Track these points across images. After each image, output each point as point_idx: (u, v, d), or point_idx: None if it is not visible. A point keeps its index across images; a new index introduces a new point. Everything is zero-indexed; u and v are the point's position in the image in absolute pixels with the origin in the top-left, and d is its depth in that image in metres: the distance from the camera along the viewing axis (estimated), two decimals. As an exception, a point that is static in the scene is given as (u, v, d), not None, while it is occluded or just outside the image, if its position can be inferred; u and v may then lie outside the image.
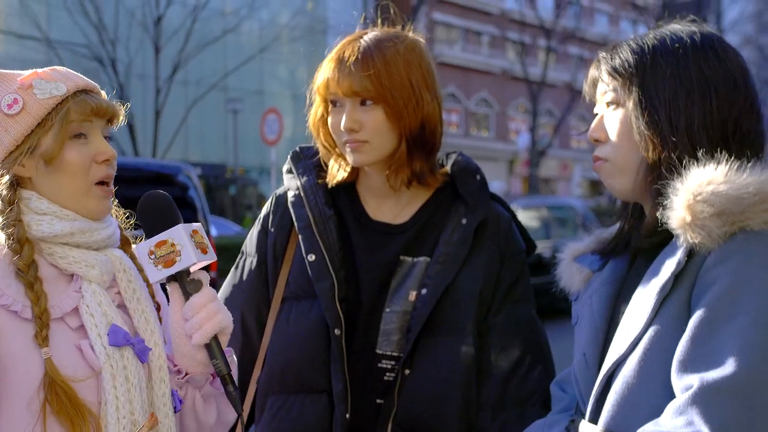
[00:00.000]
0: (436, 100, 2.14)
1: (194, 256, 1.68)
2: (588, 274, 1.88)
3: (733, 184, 1.53)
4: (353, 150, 2.10)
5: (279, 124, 18.64)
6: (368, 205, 2.20)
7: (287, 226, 2.22)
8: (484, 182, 2.23)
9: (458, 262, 2.11)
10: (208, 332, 1.67)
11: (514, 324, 2.14)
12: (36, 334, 1.59)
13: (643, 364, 1.59)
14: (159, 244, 1.69)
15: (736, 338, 1.46)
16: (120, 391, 1.62)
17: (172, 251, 1.68)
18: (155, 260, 1.69)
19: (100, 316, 1.66)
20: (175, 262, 1.68)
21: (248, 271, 2.25)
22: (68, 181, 1.69)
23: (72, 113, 1.68)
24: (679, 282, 1.58)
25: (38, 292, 1.62)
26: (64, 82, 1.70)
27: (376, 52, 2.07)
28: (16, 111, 1.66)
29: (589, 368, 1.75)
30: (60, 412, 1.56)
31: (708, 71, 1.66)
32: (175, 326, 1.73)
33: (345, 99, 2.09)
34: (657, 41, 1.72)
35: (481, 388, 2.10)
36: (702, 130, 1.63)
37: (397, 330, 2.10)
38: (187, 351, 1.72)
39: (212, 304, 1.70)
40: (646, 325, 1.59)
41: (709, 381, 1.44)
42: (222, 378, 1.69)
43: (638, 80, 1.69)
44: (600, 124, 1.77)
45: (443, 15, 39.28)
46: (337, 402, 2.06)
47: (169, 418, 1.71)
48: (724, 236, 1.53)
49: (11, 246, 1.64)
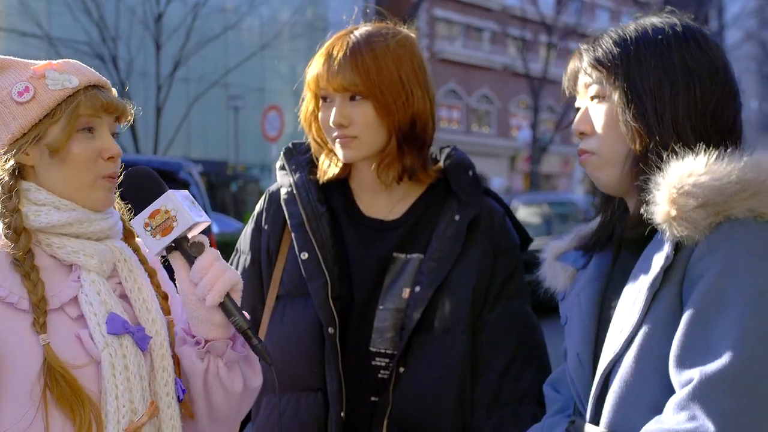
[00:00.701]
0: (428, 95, 2.13)
1: (192, 216, 1.68)
2: (572, 272, 1.87)
3: (714, 174, 1.53)
4: (343, 146, 2.10)
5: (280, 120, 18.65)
6: (361, 201, 2.19)
7: (280, 223, 2.22)
8: (477, 178, 2.22)
9: (451, 259, 2.10)
10: (220, 290, 1.67)
11: (508, 320, 2.13)
12: (34, 322, 1.60)
13: (639, 361, 1.58)
14: (153, 214, 1.69)
15: (731, 328, 1.46)
16: (119, 379, 1.62)
17: (167, 218, 1.68)
18: (152, 231, 1.68)
19: (99, 304, 1.66)
20: (173, 228, 1.68)
21: (242, 269, 2.25)
22: (72, 174, 1.70)
23: (82, 107, 1.69)
24: (668, 276, 1.58)
25: (35, 281, 1.62)
26: (76, 75, 1.71)
27: (366, 47, 2.07)
28: (26, 99, 1.67)
29: (583, 368, 1.74)
30: (60, 398, 1.57)
31: (691, 61, 1.66)
32: (186, 294, 1.73)
33: (335, 94, 2.09)
34: (639, 32, 1.72)
35: (475, 385, 2.09)
36: (686, 120, 1.63)
37: (390, 327, 2.10)
38: (202, 316, 1.72)
39: (218, 263, 1.71)
40: (638, 322, 1.59)
41: (708, 374, 1.45)
42: (244, 333, 1.69)
43: (623, 71, 1.68)
44: (585, 116, 1.76)
45: (444, 11, 39.23)
46: (331, 400, 2.06)
47: (171, 407, 1.72)
48: (710, 227, 1.53)
49: (8, 235, 1.64)
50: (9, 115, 1.67)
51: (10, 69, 1.72)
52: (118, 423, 1.61)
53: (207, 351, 1.75)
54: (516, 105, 43.18)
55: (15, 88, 1.68)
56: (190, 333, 1.76)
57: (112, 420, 1.61)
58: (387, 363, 2.10)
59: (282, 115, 18.79)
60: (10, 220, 1.65)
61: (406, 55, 2.10)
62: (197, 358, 1.75)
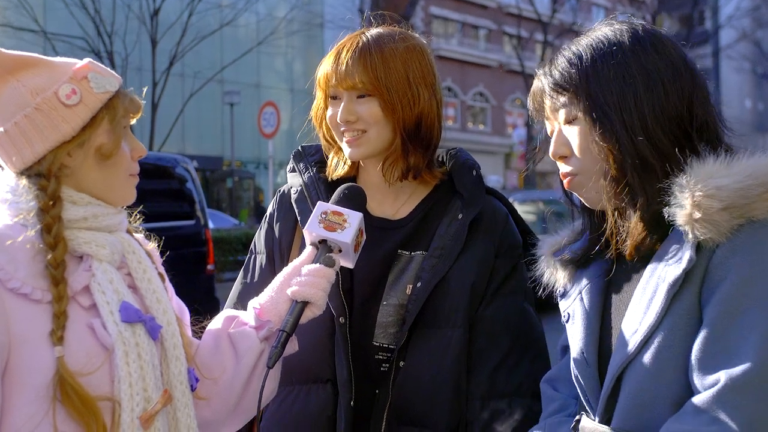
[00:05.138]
0: (435, 98, 2.15)
1: (351, 239, 1.91)
2: (571, 268, 1.87)
3: (736, 177, 1.52)
4: (350, 144, 2.13)
5: (276, 117, 18.65)
6: (369, 201, 2.22)
7: (291, 222, 2.26)
8: (480, 178, 2.25)
9: (452, 257, 2.13)
10: (304, 294, 1.87)
11: (503, 316, 2.15)
12: (51, 333, 1.60)
13: (655, 362, 1.57)
14: (336, 212, 1.94)
15: (755, 331, 1.46)
16: (133, 367, 1.64)
17: (339, 224, 1.93)
18: (323, 220, 1.93)
19: (112, 293, 1.67)
20: (335, 231, 1.92)
21: (259, 269, 2.28)
22: (111, 173, 1.74)
23: (122, 109, 1.73)
24: (687, 278, 1.56)
25: (62, 292, 1.62)
26: (113, 78, 1.74)
27: (375, 47, 2.10)
28: (74, 102, 1.68)
29: (589, 366, 1.74)
30: (70, 406, 1.57)
31: (649, 65, 1.64)
32: (287, 277, 1.93)
33: (343, 92, 2.12)
34: (592, 47, 1.69)
35: (470, 378, 2.12)
36: (656, 126, 1.61)
37: (394, 323, 2.13)
38: (280, 299, 1.91)
39: (326, 282, 1.89)
40: (655, 324, 1.58)
41: (732, 376, 1.45)
42: (280, 332, 1.86)
43: (584, 91, 1.66)
44: (561, 139, 1.75)
45: (440, 9, 39.25)
46: (341, 390, 2.09)
47: (186, 395, 1.74)
48: (731, 229, 1.52)
49: (46, 239, 1.64)
50: (58, 117, 1.67)
51: (42, 67, 1.72)
52: (132, 411, 1.63)
53: (265, 339, 1.90)
54: (511, 103, 43.22)
55: (62, 90, 1.68)
56: (260, 316, 1.91)
57: (127, 408, 1.62)
58: (388, 357, 2.13)
59: (278, 112, 18.79)
60: (52, 226, 1.66)
61: (415, 57, 2.13)
62: (259, 339, 1.90)
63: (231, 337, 1.91)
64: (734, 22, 37.69)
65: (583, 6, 42.50)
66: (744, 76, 46.06)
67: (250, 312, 1.94)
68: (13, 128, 1.67)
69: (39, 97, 1.67)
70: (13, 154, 1.69)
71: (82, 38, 21.19)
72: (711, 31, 42.90)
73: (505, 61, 41.45)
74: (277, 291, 1.93)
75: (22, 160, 1.69)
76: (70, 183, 1.71)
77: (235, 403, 1.90)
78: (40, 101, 1.67)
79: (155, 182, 8.41)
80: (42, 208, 1.66)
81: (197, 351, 1.90)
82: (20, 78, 1.68)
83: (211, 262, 8.86)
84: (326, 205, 1.96)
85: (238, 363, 1.88)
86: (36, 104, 1.67)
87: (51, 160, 1.68)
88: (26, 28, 21.35)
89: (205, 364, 1.87)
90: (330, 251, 1.92)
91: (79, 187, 1.72)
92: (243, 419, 1.97)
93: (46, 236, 1.64)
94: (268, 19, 29.28)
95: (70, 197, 1.70)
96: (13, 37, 21.03)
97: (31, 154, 1.68)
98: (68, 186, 1.71)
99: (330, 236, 1.91)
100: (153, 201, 8.28)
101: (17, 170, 1.71)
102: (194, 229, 8.74)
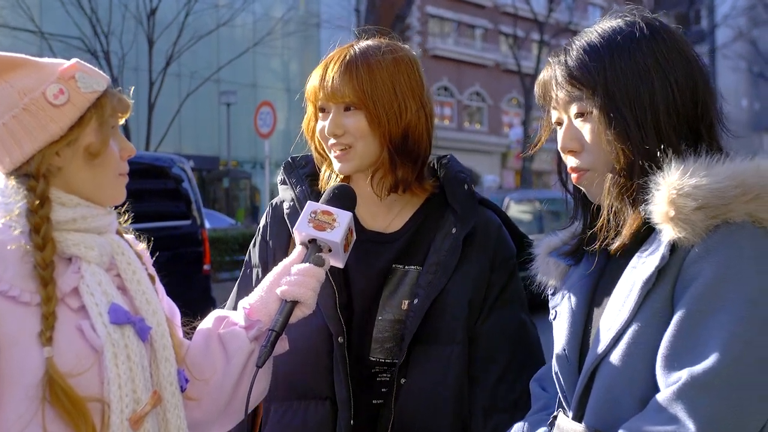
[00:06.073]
0: (424, 110, 2.13)
1: (341, 238, 1.91)
2: (564, 268, 1.86)
3: (715, 177, 1.52)
4: (338, 158, 2.12)
5: (272, 117, 18.63)
6: (360, 215, 2.21)
7: (285, 237, 2.25)
8: (472, 191, 2.24)
9: (448, 272, 2.12)
10: (294, 293, 1.86)
11: (501, 329, 2.15)
12: (41, 333, 1.60)
13: (626, 359, 1.57)
14: (326, 212, 1.94)
15: (721, 331, 1.45)
16: (122, 369, 1.63)
17: (329, 223, 1.92)
18: (312, 219, 1.93)
19: (101, 295, 1.67)
20: (325, 230, 1.91)
21: (255, 282, 2.27)
22: (100, 173, 1.73)
23: (110, 108, 1.73)
24: (661, 277, 1.56)
25: (50, 293, 1.62)
26: (101, 78, 1.74)
27: (361, 59, 2.10)
28: (62, 101, 1.68)
29: (570, 363, 1.74)
30: (59, 406, 1.57)
31: (663, 61, 1.63)
32: (276, 277, 1.92)
33: (330, 105, 2.12)
34: (609, 39, 1.67)
35: (472, 393, 2.12)
36: (668, 125, 1.61)
37: (390, 338, 2.12)
38: (269, 299, 1.90)
39: (315, 282, 1.88)
40: (628, 321, 1.58)
41: (694, 375, 1.44)
42: (270, 332, 1.85)
43: (602, 87, 1.64)
44: (571, 133, 1.72)
45: (436, 8, 39.25)
46: (341, 408, 2.08)
47: (175, 396, 1.74)
48: (707, 229, 1.51)
49: (35, 240, 1.64)
50: (46, 117, 1.67)
51: (29, 68, 1.72)
52: (122, 412, 1.63)
53: (255, 339, 1.89)
54: (508, 102, 43.23)
55: (50, 89, 1.68)
56: (250, 316, 1.90)
57: (116, 409, 1.62)
58: (386, 371, 2.13)
59: (274, 112, 18.78)
60: (41, 226, 1.65)
61: (402, 69, 2.12)
62: (249, 339, 1.89)
63: (221, 337, 1.91)
64: (730, 21, 37.76)
65: (579, 5, 42.50)
66: (740, 75, 46.08)
67: (240, 312, 1.94)
68: (1, 129, 1.67)
69: (27, 97, 1.67)
70: (2, 155, 1.69)
71: (78, 38, 21.18)
72: (707, 30, 42.97)
73: (502, 61, 41.47)
74: (267, 291, 1.92)
75: (11, 160, 1.69)
76: (60, 184, 1.71)
77: (226, 404, 1.90)
78: (27, 102, 1.67)
79: (152, 182, 8.43)
80: (30, 209, 1.66)
81: (188, 352, 1.90)
82: (8, 79, 1.68)
83: (208, 262, 8.86)
84: (316, 204, 1.95)
85: (228, 363, 1.88)
86: (24, 105, 1.67)
87: (39, 160, 1.67)
88: (23, 28, 21.33)
89: (195, 364, 1.87)
90: (320, 251, 1.92)
91: (68, 187, 1.71)
92: (234, 420, 1.96)
93: (35, 237, 1.64)
94: (265, 20, 29.29)
95: (59, 199, 1.70)
96: (10, 37, 21.02)
97: (20, 155, 1.68)
98: (57, 187, 1.70)
99: (319, 236, 1.91)
100: (149, 201, 8.34)
101: (6, 171, 1.71)
102: (190, 229, 8.74)
